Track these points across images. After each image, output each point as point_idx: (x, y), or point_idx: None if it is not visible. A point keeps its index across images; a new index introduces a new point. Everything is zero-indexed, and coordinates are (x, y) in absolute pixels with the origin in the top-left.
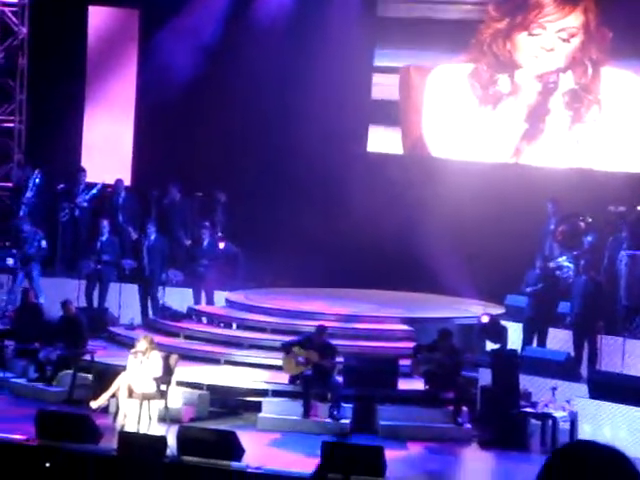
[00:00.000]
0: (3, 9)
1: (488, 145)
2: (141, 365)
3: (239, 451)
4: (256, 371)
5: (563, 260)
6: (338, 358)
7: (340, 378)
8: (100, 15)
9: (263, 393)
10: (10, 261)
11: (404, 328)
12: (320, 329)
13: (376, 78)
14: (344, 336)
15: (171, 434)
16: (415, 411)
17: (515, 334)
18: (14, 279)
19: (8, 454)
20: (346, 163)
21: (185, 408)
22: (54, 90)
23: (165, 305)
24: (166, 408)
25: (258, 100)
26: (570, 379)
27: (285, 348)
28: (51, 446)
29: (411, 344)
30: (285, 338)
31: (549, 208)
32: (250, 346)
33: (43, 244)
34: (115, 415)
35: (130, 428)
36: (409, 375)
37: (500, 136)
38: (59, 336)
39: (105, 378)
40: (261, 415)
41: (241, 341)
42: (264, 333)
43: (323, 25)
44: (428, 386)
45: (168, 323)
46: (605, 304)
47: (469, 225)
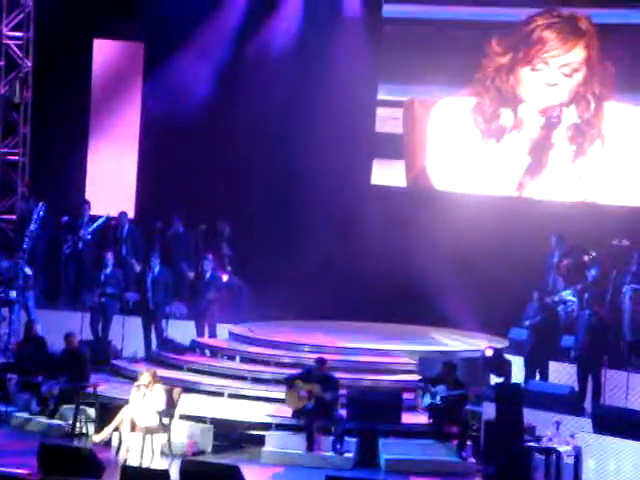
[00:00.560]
0: (8, 42)
1: (491, 178)
2: (144, 398)
3: None
4: (259, 404)
5: (567, 294)
6: (341, 391)
7: (343, 411)
8: (105, 48)
9: (266, 427)
10: (13, 294)
11: (408, 361)
12: (319, 361)
13: (380, 111)
14: (347, 369)
15: (174, 468)
16: (419, 445)
17: (518, 368)
18: (11, 311)
19: None
20: (350, 196)
21: (188, 442)
22: (58, 123)
23: (168, 338)
24: (169, 442)
25: (262, 133)
26: (574, 413)
27: (287, 382)
28: None
29: (415, 377)
30: (289, 371)
31: (553, 241)
32: (253, 379)
33: (27, 272)
34: (118, 449)
35: (133, 462)
36: (413, 409)
37: (503, 170)
38: (62, 369)
39: (108, 412)
40: (264, 449)
41: (244, 374)
42: (268, 366)
43: (328, 58)
44: (432, 420)
45: (171, 356)
46: (609, 338)
47: (472, 258)
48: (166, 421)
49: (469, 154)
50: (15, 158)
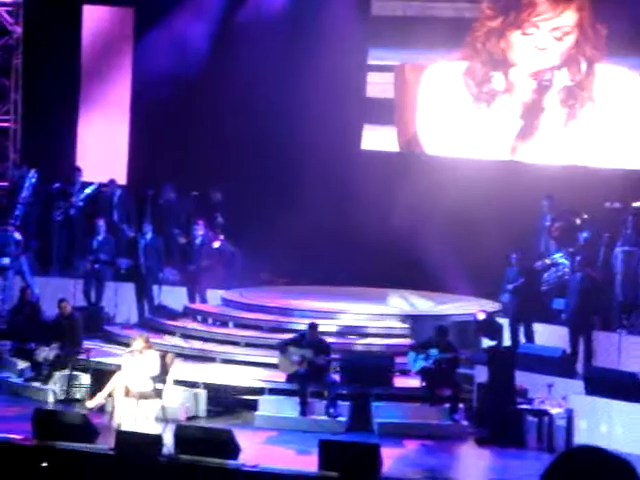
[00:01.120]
0: None
1: (483, 143)
2: (137, 364)
3: (236, 449)
4: (253, 369)
5: (559, 257)
6: (333, 355)
7: (336, 376)
8: (95, 14)
9: (260, 391)
10: (6, 260)
11: (400, 325)
12: (312, 326)
13: (370, 77)
14: (340, 334)
15: (168, 433)
16: (411, 409)
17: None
18: (5, 277)
19: (5, 454)
20: (341, 161)
21: (182, 407)
22: (49, 89)
23: (161, 304)
24: (163, 407)
25: (253, 98)
26: (566, 376)
27: (280, 348)
28: (48, 445)
29: (407, 341)
30: (281, 336)
31: (544, 205)
32: (246, 344)
33: (17, 237)
34: (112, 414)
35: (127, 427)
36: (405, 373)
37: (495, 134)
38: (55, 335)
39: (101, 377)
40: (258, 413)
41: (237, 339)
42: (260, 331)
43: (317, 24)
44: (425, 383)
45: (164, 322)
46: (601, 300)
47: (464, 222)
48: (159, 386)
49: (460, 118)
50: (6, 125)
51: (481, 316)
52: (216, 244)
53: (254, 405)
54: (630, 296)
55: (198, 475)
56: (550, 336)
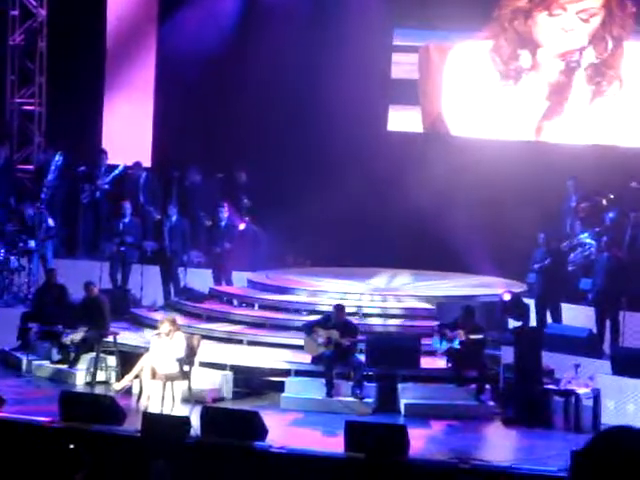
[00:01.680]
0: None
1: (509, 123)
2: (164, 346)
3: (262, 431)
4: (279, 351)
5: (585, 237)
6: (360, 337)
7: (362, 357)
8: None
9: (286, 373)
10: (32, 243)
11: (426, 306)
12: (338, 308)
13: (395, 57)
14: (366, 315)
15: (194, 415)
16: (438, 389)
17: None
18: (29, 261)
19: (32, 436)
20: (366, 142)
21: (208, 389)
22: (74, 72)
23: (187, 286)
24: (189, 389)
25: (278, 80)
26: (593, 356)
27: (306, 329)
28: (75, 428)
29: (434, 322)
30: (307, 318)
31: (570, 185)
32: (272, 326)
33: (50, 223)
34: (138, 396)
35: (154, 409)
36: (432, 353)
37: (521, 113)
38: (82, 318)
39: (128, 360)
40: (284, 395)
41: (263, 321)
42: (286, 313)
43: (343, 5)
44: (451, 364)
45: (190, 304)
46: (627, 280)
47: (490, 203)
48: (186, 368)
49: (486, 97)
50: (31, 108)
51: (507, 297)
52: (241, 226)
53: (280, 387)
54: None
55: (224, 457)
56: (577, 316)
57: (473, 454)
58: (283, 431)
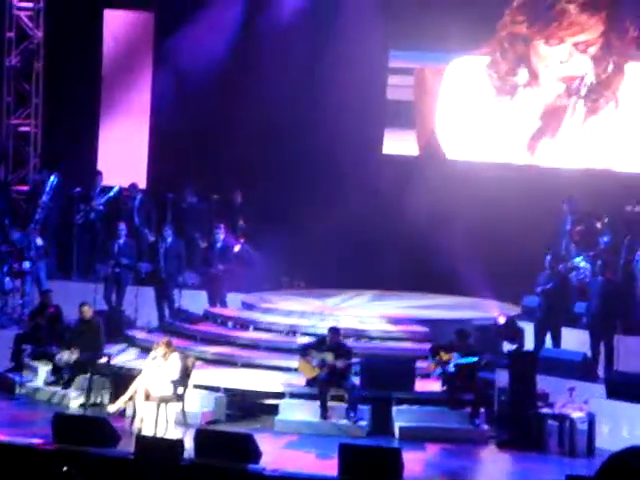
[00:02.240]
0: (18, 13)
1: (504, 144)
2: (158, 368)
3: (256, 454)
4: (273, 373)
5: (579, 260)
6: (354, 359)
7: (357, 379)
8: (115, 19)
9: (280, 395)
10: (26, 265)
11: (421, 329)
12: (333, 330)
13: (391, 79)
14: (360, 337)
15: (188, 437)
16: (432, 412)
17: (532, 335)
18: (23, 282)
19: (25, 458)
20: (362, 165)
21: (202, 411)
22: (70, 94)
23: (181, 308)
24: (183, 411)
25: (274, 102)
26: (587, 379)
27: (301, 351)
28: (68, 450)
29: (428, 345)
30: (302, 340)
31: (565, 208)
32: (267, 348)
33: (39, 242)
34: (132, 418)
35: (147, 431)
36: (426, 376)
37: (516, 133)
38: (76, 339)
39: (122, 381)
40: (278, 417)
41: (258, 343)
42: (281, 335)
43: (338, 26)
44: (445, 387)
45: (185, 326)
46: (622, 304)
47: (485, 226)
48: (180, 391)
49: (481, 115)
50: (27, 129)
51: (502, 320)
52: (236, 248)
53: (274, 409)
54: None
55: (218, 479)
56: (571, 340)
57: (467, 478)
58: (277, 454)
